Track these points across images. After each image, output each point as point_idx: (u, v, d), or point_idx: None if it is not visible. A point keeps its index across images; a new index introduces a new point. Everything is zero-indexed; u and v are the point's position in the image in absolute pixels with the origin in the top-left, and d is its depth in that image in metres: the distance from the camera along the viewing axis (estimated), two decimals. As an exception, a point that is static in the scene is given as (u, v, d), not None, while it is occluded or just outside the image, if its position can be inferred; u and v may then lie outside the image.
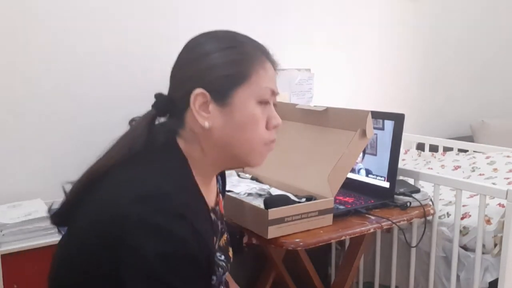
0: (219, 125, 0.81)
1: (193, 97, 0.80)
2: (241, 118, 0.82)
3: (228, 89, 0.81)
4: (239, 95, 0.81)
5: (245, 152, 0.85)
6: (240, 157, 0.85)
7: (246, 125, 0.82)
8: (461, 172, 2.06)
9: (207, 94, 0.80)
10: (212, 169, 0.88)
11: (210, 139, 0.82)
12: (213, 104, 0.81)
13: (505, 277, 1.40)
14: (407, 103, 2.97)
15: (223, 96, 0.81)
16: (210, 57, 0.82)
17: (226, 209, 1.30)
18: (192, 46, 0.86)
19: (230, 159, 0.86)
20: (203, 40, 0.86)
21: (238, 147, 0.84)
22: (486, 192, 1.44)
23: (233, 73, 0.81)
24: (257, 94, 0.83)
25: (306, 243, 1.20)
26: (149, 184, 0.74)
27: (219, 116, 0.81)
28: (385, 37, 2.83)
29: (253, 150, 0.85)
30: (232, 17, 2.19)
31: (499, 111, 3.43)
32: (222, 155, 0.85)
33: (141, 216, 0.70)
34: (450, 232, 1.57)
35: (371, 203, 1.44)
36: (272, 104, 0.90)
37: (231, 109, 0.81)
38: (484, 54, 3.38)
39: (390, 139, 1.53)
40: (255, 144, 0.85)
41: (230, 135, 0.82)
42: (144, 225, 0.69)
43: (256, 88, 0.83)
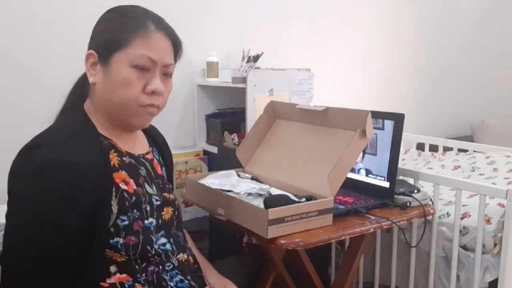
0: (100, 82, 0.95)
1: (86, 56, 0.96)
2: (115, 78, 0.93)
3: (109, 52, 0.94)
4: (116, 58, 0.93)
5: (121, 110, 0.96)
6: (119, 114, 0.97)
7: (118, 85, 0.93)
8: (461, 172, 2.07)
9: (96, 55, 0.95)
10: (109, 122, 0.99)
11: (95, 94, 0.98)
12: (99, 64, 0.95)
13: (505, 277, 1.40)
14: (407, 103, 2.97)
15: (105, 58, 0.94)
16: (103, 24, 0.98)
17: (226, 209, 1.30)
18: (104, 14, 1.00)
19: (114, 115, 0.98)
20: (111, 10, 1.00)
21: (114, 104, 0.95)
22: (486, 192, 1.44)
23: (114, 38, 0.94)
24: (131, 59, 0.93)
25: (306, 243, 1.20)
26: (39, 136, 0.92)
27: (101, 75, 0.95)
28: (385, 37, 2.83)
29: (128, 110, 0.95)
30: (232, 17, 2.19)
31: (499, 111, 3.43)
32: (106, 110, 0.98)
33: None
34: (450, 232, 1.57)
35: (371, 203, 1.44)
36: (159, 73, 0.98)
37: (109, 70, 0.94)
38: (484, 54, 3.38)
39: (390, 139, 1.53)
40: (129, 104, 0.95)
41: (107, 92, 0.95)
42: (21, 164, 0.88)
43: (131, 54, 0.93)
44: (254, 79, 1.76)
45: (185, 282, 1.03)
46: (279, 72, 1.86)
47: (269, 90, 1.81)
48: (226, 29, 2.18)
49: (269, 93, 1.81)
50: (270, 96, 1.80)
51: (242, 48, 2.07)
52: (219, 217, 1.33)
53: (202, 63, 2.03)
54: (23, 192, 0.86)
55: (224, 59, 2.12)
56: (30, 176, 0.85)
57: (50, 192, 0.84)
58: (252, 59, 2.03)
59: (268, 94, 1.80)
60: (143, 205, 0.98)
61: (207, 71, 2.01)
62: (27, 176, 0.85)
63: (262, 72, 1.85)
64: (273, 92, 1.82)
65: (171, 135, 2.09)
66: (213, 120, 2.04)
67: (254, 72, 1.81)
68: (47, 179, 0.84)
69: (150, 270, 0.97)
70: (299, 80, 1.90)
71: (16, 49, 1.66)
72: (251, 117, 1.74)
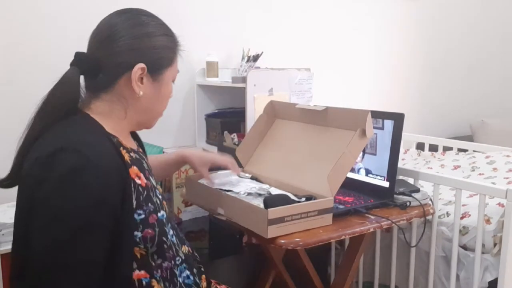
0: (148, 95, 0.99)
1: (136, 68, 0.95)
2: (165, 92, 1.02)
3: (161, 68, 1.00)
4: (166, 74, 1.01)
5: (155, 117, 1.06)
6: (149, 121, 1.05)
7: (165, 98, 1.04)
8: (460, 171, 2.07)
9: (146, 69, 0.96)
10: (128, 127, 1.04)
11: (138, 104, 0.99)
12: (147, 78, 0.98)
13: (504, 277, 1.40)
14: (407, 102, 2.97)
15: (156, 73, 0.99)
16: (154, 39, 0.99)
17: (226, 209, 1.31)
18: (135, 22, 0.98)
19: (142, 121, 1.04)
20: (146, 20, 1.00)
21: (154, 114, 1.04)
22: (485, 191, 1.44)
23: (167, 56, 1.01)
24: (174, 75, 1.05)
25: (305, 242, 1.20)
26: (57, 141, 0.88)
27: (150, 88, 0.99)
28: (385, 37, 2.83)
29: (159, 116, 1.07)
30: (232, 17, 2.19)
31: (498, 110, 3.43)
32: (140, 119, 1.02)
33: (40, 161, 0.85)
34: (449, 231, 1.58)
35: (371, 202, 1.44)
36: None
37: (160, 84, 1.00)
38: (484, 54, 3.38)
39: (390, 139, 1.53)
40: (161, 112, 1.06)
41: (154, 104, 1.02)
42: (41, 166, 0.84)
43: (174, 71, 1.04)
44: (254, 79, 1.76)
45: (190, 279, 1.05)
46: (279, 71, 1.86)
47: (269, 89, 1.81)
48: (226, 29, 2.18)
49: (269, 92, 1.81)
50: (270, 95, 1.80)
51: (242, 47, 2.07)
52: (219, 217, 1.33)
53: (202, 63, 2.03)
54: (54, 199, 0.83)
55: (224, 58, 2.12)
56: (59, 183, 0.82)
57: (83, 196, 0.83)
58: (252, 59, 2.03)
59: (268, 94, 1.80)
60: (154, 198, 1.00)
61: (207, 70, 2.01)
62: (56, 183, 0.82)
63: (262, 72, 1.85)
64: (273, 92, 1.82)
65: (171, 134, 2.09)
66: (213, 119, 2.04)
67: (254, 71, 1.81)
68: (79, 184, 0.83)
69: (165, 266, 0.99)
70: (299, 80, 1.90)
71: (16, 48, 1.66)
72: (251, 117, 1.74)
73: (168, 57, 1.01)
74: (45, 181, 0.83)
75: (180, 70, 1.08)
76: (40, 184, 0.83)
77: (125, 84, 0.96)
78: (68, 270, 0.83)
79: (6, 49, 1.66)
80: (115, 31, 0.96)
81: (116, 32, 0.96)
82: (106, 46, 0.95)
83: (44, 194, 0.83)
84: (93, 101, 0.97)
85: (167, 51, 1.01)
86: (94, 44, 0.97)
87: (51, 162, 0.84)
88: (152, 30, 0.99)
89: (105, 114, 0.97)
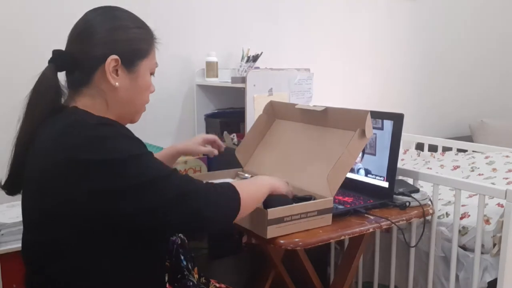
0: (124, 86, 1.01)
1: (109, 60, 0.97)
2: (141, 83, 1.04)
3: (135, 60, 1.01)
4: (142, 66, 1.03)
5: (136, 110, 1.07)
6: (131, 113, 1.06)
7: (143, 89, 1.05)
8: (460, 172, 2.07)
9: (119, 60, 0.98)
10: (112, 119, 1.03)
11: (116, 96, 1.01)
12: (122, 69, 0.99)
13: (504, 277, 1.40)
14: (407, 103, 2.97)
15: (131, 65, 1.01)
16: (126, 31, 1.01)
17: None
18: (108, 16, 1.01)
19: (125, 114, 1.05)
20: (120, 14, 1.03)
21: (134, 106, 1.05)
22: (485, 192, 1.44)
23: (141, 48, 1.03)
24: (151, 68, 1.06)
25: (305, 243, 1.20)
26: (78, 127, 0.91)
27: (126, 79, 1.01)
28: (385, 37, 2.83)
29: (140, 110, 1.09)
30: (232, 17, 2.19)
31: (498, 111, 3.44)
32: (122, 111, 1.03)
33: (88, 139, 0.87)
34: (449, 232, 1.58)
35: (370, 203, 1.44)
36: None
37: (136, 76, 1.02)
38: (483, 54, 3.38)
39: (389, 139, 1.53)
40: (143, 104, 1.08)
41: (132, 96, 1.03)
42: (94, 142, 0.87)
43: (151, 63, 1.05)
44: (254, 79, 1.76)
45: (184, 263, 1.13)
46: (278, 72, 1.86)
47: (268, 90, 1.81)
48: (226, 29, 2.18)
49: (268, 93, 1.81)
50: (270, 96, 1.80)
51: (241, 48, 2.07)
52: (218, 217, 1.33)
53: (201, 63, 2.03)
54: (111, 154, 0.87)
55: (224, 59, 2.13)
56: (100, 142, 0.88)
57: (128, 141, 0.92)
58: (251, 59, 2.03)
59: (268, 94, 1.80)
60: None
61: (207, 71, 2.01)
62: (97, 143, 0.87)
63: (262, 72, 1.85)
64: (272, 92, 1.82)
65: (171, 134, 2.09)
66: (213, 120, 2.04)
67: (253, 72, 1.81)
68: (117, 136, 0.90)
69: (172, 240, 1.08)
70: (298, 80, 1.90)
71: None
72: (251, 117, 1.74)
73: (142, 48, 1.03)
74: (84, 143, 0.87)
75: (180, 70, 1.09)
76: (79, 149, 0.87)
77: (101, 77, 0.98)
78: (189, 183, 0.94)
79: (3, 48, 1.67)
80: (88, 26, 0.99)
81: (89, 27, 0.99)
82: (80, 41, 0.99)
83: (95, 155, 0.86)
84: (76, 97, 1.00)
85: (141, 43, 1.03)
86: (70, 40, 1.00)
87: (72, 131, 0.89)
88: (125, 23, 1.01)
89: (90, 108, 0.99)
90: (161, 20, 1.92)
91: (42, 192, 0.91)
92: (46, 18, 1.73)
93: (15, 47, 1.69)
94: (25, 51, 1.69)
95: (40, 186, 0.91)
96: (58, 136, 0.90)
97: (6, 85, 1.68)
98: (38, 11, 1.72)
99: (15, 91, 1.67)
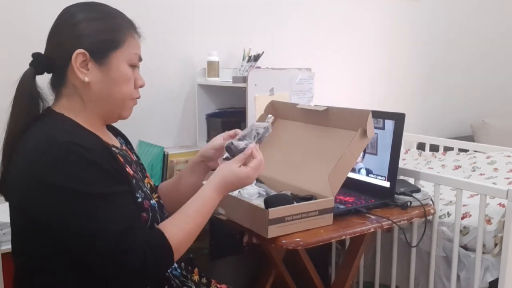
0: (97, 80, 0.97)
1: (74, 55, 0.94)
2: (116, 76, 0.98)
3: (105, 51, 0.97)
4: (114, 57, 0.98)
5: (118, 104, 1.02)
6: (114, 109, 1.02)
7: (120, 82, 0.99)
8: (461, 171, 2.06)
9: (87, 54, 0.95)
10: (97, 118, 1.02)
11: (90, 92, 0.98)
12: (92, 63, 0.96)
13: (505, 277, 1.40)
14: (408, 102, 2.97)
15: (100, 57, 0.96)
16: (91, 23, 0.97)
17: (227, 209, 1.31)
18: (75, 11, 0.99)
19: (107, 110, 1.02)
20: (87, 7, 1.00)
21: (113, 100, 1.00)
22: (486, 192, 1.44)
23: (109, 38, 0.98)
24: (128, 58, 1.00)
25: (306, 242, 1.20)
26: (42, 138, 0.90)
27: (97, 73, 0.97)
28: (386, 37, 2.83)
29: (124, 104, 1.02)
30: (233, 17, 2.19)
31: (499, 111, 3.43)
32: (100, 107, 1.00)
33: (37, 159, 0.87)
34: (450, 231, 1.57)
35: (372, 202, 1.44)
36: (138, 68, 1.06)
37: (108, 68, 0.97)
38: (484, 53, 3.38)
39: (390, 139, 1.53)
40: (126, 99, 1.02)
41: (107, 90, 0.98)
42: (57, 164, 0.85)
43: (127, 53, 1.00)
44: (255, 79, 1.76)
45: (178, 271, 1.08)
46: (279, 71, 1.86)
47: (269, 89, 1.81)
48: (227, 29, 2.18)
49: (269, 92, 1.81)
50: (271, 95, 1.80)
51: (242, 47, 2.07)
52: (219, 216, 1.33)
53: (202, 63, 2.03)
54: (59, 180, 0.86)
55: (225, 58, 2.12)
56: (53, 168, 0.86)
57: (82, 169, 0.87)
58: (252, 59, 2.03)
59: (269, 94, 1.80)
60: (143, 187, 1.03)
61: (208, 70, 2.01)
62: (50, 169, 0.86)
63: (263, 72, 1.85)
64: (273, 92, 1.82)
65: (172, 134, 2.09)
66: (214, 119, 2.04)
67: (254, 71, 1.81)
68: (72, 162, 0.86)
69: None
70: (299, 80, 1.90)
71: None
72: (252, 117, 1.74)
73: (112, 39, 0.98)
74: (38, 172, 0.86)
75: (181, 70, 1.07)
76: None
77: (73, 75, 0.96)
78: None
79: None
80: (56, 24, 0.99)
81: (57, 25, 0.99)
82: (50, 40, 0.99)
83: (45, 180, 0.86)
84: (58, 99, 1.00)
85: (111, 33, 0.98)
86: (47, 42, 1.00)
87: (43, 149, 0.87)
88: (90, 15, 0.98)
89: (69, 108, 0.98)
90: (161, 19, 1.92)
91: (10, 199, 0.95)
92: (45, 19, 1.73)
93: (16, 47, 1.69)
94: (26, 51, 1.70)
95: (9, 194, 0.95)
96: (26, 151, 0.90)
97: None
98: (34, 11, 1.72)
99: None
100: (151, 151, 1.86)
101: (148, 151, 1.86)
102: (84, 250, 0.87)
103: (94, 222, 0.85)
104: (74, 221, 0.85)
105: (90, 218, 0.85)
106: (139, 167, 1.13)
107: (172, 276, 1.05)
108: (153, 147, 1.86)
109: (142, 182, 1.06)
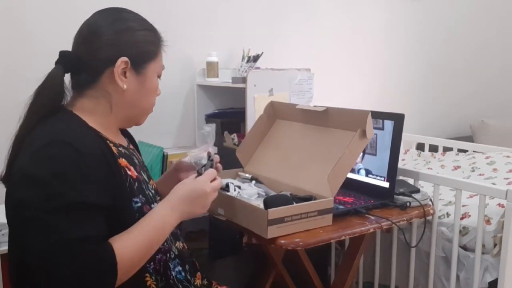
0: (132, 89, 1.00)
1: (119, 62, 0.96)
2: (149, 86, 1.03)
3: (144, 62, 1.01)
4: (150, 68, 1.02)
5: (142, 112, 1.07)
6: (137, 116, 1.06)
7: (151, 92, 1.05)
8: (460, 172, 2.07)
9: (129, 62, 0.98)
10: (114, 122, 1.04)
11: (122, 99, 1.00)
12: (130, 72, 0.99)
13: (504, 277, 1.40)
14: (407, 103, 2.97)
15: (139, 67, 1.00)
16: (135, 33, 1.00)
17: (226, 209, 1.31)
18: (116, 18, 1.00)
19: (129, 117, 1.05)
20: (127, 16, 1.02)
21: (140, 109, 1.05)
22: (485, 192, 1.44)
23: (149, 50, 1.02)
24: (158, 70, 1.06)
25: (305, 243, 1.20)
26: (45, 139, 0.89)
27: (134, 82, 1.00)
28: (385, 37, 2.83)
29: (147, 112, 1.08)
30: (232, 17, 2.19)
31: (498, 111, 3.43)
32: (126, 113, 1.03)
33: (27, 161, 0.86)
34: (449, 232, 1.57)
35: (371, 203, 1.44)
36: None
37: (144, 79, 1.01)
38: (484, 54, 3.38)
39: (390, 139, 1.53)
40: (150, 108, 1.08)
41: (138, 98, 1.02)
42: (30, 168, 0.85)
43: (158, 66, 1.05)
44: (254, 79, 1.77)
45: (182, 275, 1.06)
46: (279, 72, 1.86)
47: (269, 90, 1.81)
48: (226, 29, 2.18)
49: (269, 93, 1.81)
50: (270, 96, 1.80)
51: (242, 48, 2.07)
52: (219, 217, 1.34)
53: (202, 63, 2.03)
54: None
55: (224, 59, 2.12)
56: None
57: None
58: (252, 59, 2.03)
59: (268, 94, 1.80)
60: (146, 191, 1.02)
61: (207, 71, 2.01)
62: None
63: (262, 72, 1.85)
64: (273, 92, 1.82)
65: (171, 134, 2.09)
66: (213, 120, 2.04)
67: (254, 72, 1.81)
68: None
69: (158, 258, 0.99)
70: (299, 80, 1.90)
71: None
72: (251, 117, 1.74)
73: (150, 51, 1.02)
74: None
75: (181, 70, 1.09)
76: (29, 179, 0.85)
77: (108, 79, 0.97)
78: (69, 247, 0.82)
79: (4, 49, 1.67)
80: (96, 28, 0.98)
81: (97, 28, 0.98)
82: (87, 43, 0.98)
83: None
84: (78, 99, 0.99)
85: (149, 45, 1.02)
86: (77, 42, 0.99)
87: (41, 155, 0.86)
88: (133, 25, 1.00)
89: (90, 110, 0.98)
90: (161, 20, 1.90)
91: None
92: (54, 17, 1.73)
93: (24, 46, 1.69)
94: (33, 50, 1.70)
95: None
96: (29, 144, 0.90)
97: (9, 85, 1.68)
98: (45, 11, 1.72)
99: (19, 89, 1.68)
100: (151, 151, 1.86)
101: (148, 151, 1.86)
102: (28, 245, 0.85)
103: (46, 221, 0.82)
104: (34, 215, 0.83)
105: (46, 218, 0.82)
106: (144, 168, 1.12)
107: (176, 280, 1.04)
108: (153, 148, 1.86)
109: (147, 185, 1.04)
